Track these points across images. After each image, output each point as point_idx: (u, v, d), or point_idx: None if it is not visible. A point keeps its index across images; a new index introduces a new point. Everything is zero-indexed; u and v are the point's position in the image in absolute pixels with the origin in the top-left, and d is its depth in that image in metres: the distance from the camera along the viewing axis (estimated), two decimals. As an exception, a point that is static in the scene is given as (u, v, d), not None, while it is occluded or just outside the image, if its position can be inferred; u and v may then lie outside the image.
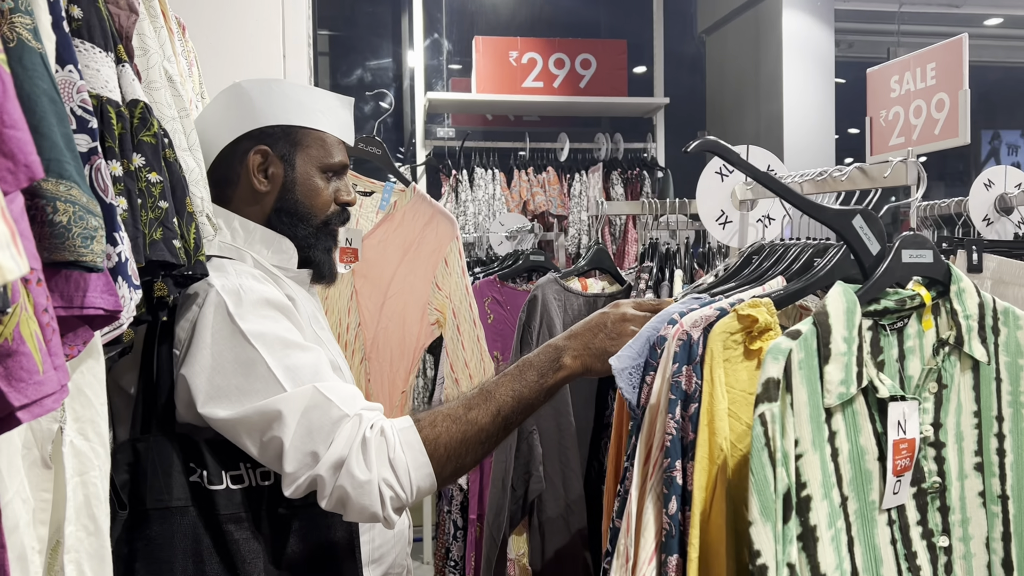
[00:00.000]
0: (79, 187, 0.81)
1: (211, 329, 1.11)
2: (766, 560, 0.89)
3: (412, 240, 2.10)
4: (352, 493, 1.05)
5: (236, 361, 1.10)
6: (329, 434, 1.06)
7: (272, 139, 1.31)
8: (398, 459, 1.08)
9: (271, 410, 1.06)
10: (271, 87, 1.32)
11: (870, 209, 1.06)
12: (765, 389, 0.92)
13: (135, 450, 1.08)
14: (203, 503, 1.08)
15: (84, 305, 0.84)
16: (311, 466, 1.05)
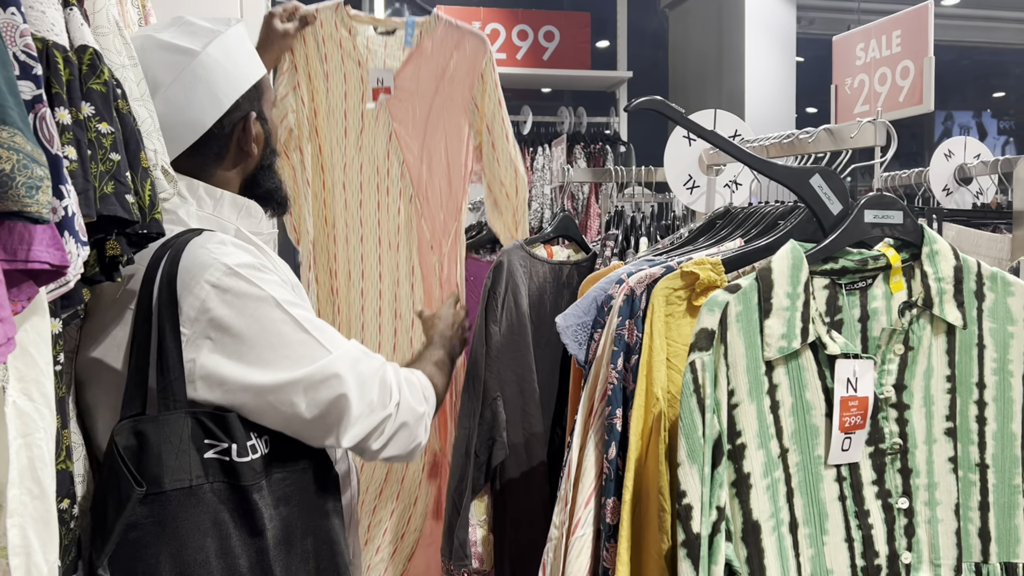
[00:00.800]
0: (23, 134, 0.77)
1: (244, 307, 1.09)
2: (691, 500, 0.92)
3: (444, 67, 2.05)
4: (411, 424, 1.20)
5: (277, 330, 1.10)
6: (379, 380, 1.16)
7: (251, 102, 1.27)
8: (429, 398, 1.27)
9: (331, 369, 1.11)
10: (227, 45, 1.25)
11: (833, 170, 1.06)
12: (698, 338, 0.94)
13: (137, 432, 1.05)
14: (226, 476, 1.07)
15: (29, 259, 0.80)
16: (373, 410, 1.14)
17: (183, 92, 1.22)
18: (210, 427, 1.06)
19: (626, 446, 1.03)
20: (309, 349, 1.11)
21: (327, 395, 1.10)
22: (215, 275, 1.09)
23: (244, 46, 1.28)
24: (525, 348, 1.63)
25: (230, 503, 1.06)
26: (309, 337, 1.11)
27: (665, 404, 1.01)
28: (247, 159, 1.28)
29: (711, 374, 0.93)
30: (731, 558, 0.94)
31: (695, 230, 1.34)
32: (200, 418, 1.06)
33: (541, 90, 5.47)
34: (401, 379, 1.21)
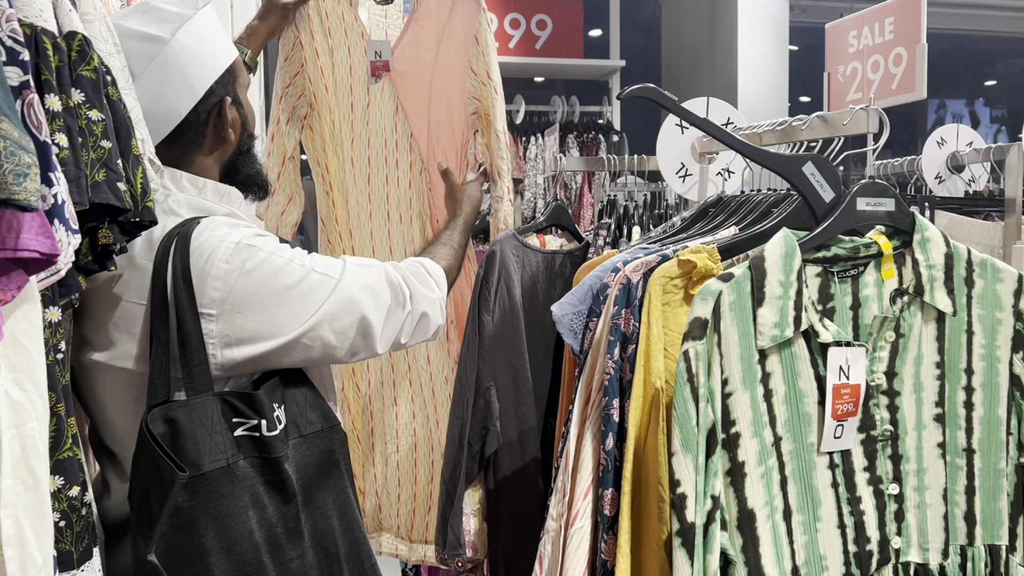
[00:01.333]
0: (10, 120, 0.76)
1: (254, 274, 1.14)
2: (685, 490, 0.92)
3: (442, 31, 2.01)
4: (430, 312, 1.30)
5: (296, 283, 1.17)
6: (388, 285, 1.25)
7: (226, 86, 1.26)
8: (440, 282, 1.36)
9: (342, 294, 1.19)
10: (198, 29, 1.23)
11: (826, 157, 1.06)
12: (691, 328, 0.94)
13: (168, 419, 1.07)
14: (258, 451, 1.11)
15: (18, 247, 0.79)
16: (392, 314, 1.24)
17: (156, 82, 1.20)
18: (238, 406, 1.10)
19: (624, 437, 1.02)
20: (321, 287, 1.18)
21: (349, 321, 1.19)
22: (225, 254, 1.13)
23: (214, 29, 1.26)
24: (518, 338, 1.63)
25: (264, 476, 1.11)
26: (317, 275, 1.18)
27: (663, 394, 1.01)
28: (224, 145, 1.27)
29: (705, 363, 0.93)
30: (726, 547, 0.95)
31: (688, 218, 1.34)
32: (227, 399, 1.10)
33: (534, 79, 5.46)
34: (406, 273, 1.29)
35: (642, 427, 1.01)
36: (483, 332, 1.62)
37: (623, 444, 1.02)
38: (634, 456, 1.01)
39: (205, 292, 1.11)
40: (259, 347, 1.13)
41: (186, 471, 1.05)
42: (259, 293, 1.14)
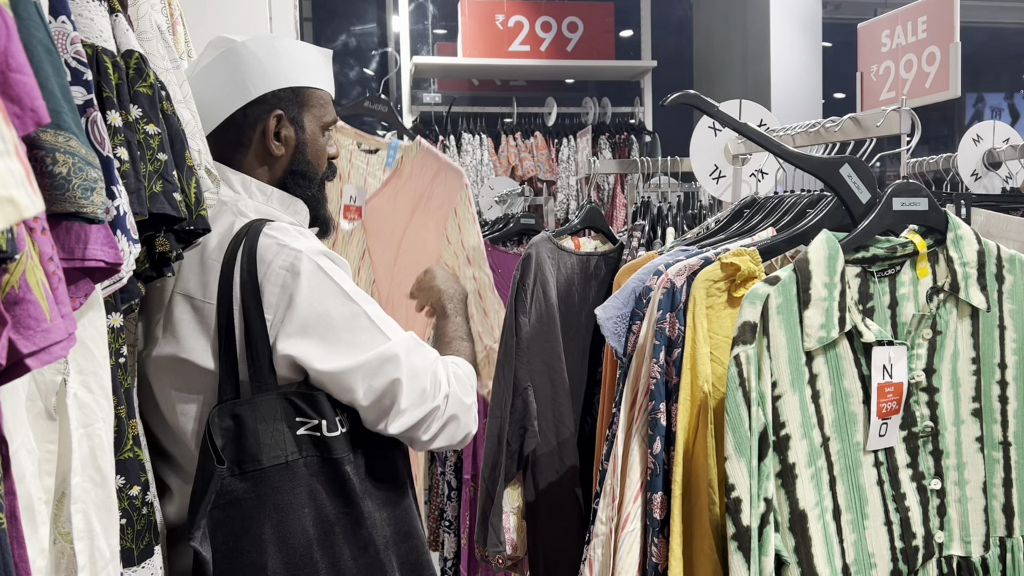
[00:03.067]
0: (77, 138, 0.81)
1: (314, 292, 1.15)
2: (740, 494, 0.93)
3: (421, 194, 2.06)
4: (461, 417, 1.22)
5: (343, 317, 1.16)
6: (431, 373, 1.20)
7: (284, 102, 1.31)
8: (472, 384, 1.28)
9: (389, 354, 1.16)
10: (274, 46, 1.32)
11: (861, 158, 1.07)
12: (741, 332, 0.95)
13: (234, 415, 1.12)
14: (318, 450, 1.15)
15: (85, 257, 0.84)
16: (423, 400, 1.18)
17: (214, 74, 1.29)
18: (300, 406, 1.14)
19: (671, 440, 1.03)
20: (370, 336, 1.16)
21: (383, 381, 1.15)
22: (287, 260, 1.15)
23: (297, 55, 1.32)
24: (555, 339, 1.66)
25: (323, 476, 1.14)
26: (371, 324, 1.17)
27: (711, 398, 1.02)
28: (270, 158, 1.31)
29: (755, 367, 0.94)
30: (780, 548, 0.96)
31: (722, 220, 1.36)
32: (290, 398, 1.14)
33: (565, 81, 5.47)
34: (450, 373, 1.24)
35: (690, 431, 1.02)
36: (520, 334, 1.65)
37: (671, 448, 1.03)
38: (683, 460, 1.01)
39: (264, 296, 1.15)
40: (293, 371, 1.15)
41: (224, 463, 1.10)
42: (303, 311, 1.14)
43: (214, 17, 2.21)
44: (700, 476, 1.03)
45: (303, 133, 1.33)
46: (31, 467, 0.81)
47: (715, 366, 1.05)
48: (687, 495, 1.03)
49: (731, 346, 0.96)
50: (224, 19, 2.26)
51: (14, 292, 0.67)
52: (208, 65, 1.31)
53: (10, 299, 0.66)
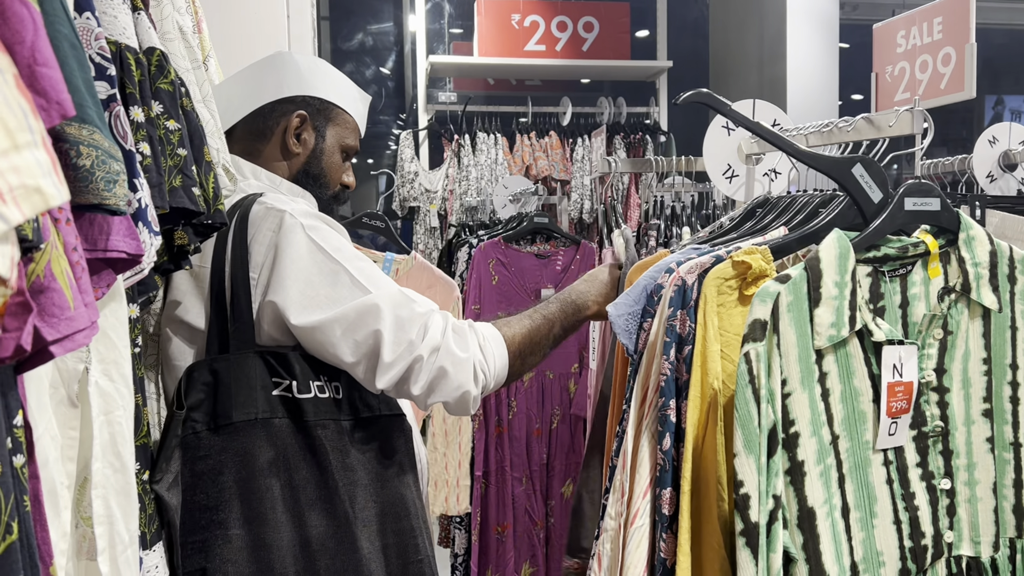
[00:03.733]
0: (101, 132, 0.83)
1: (294, 248, 1.18)
2: (748, 490, 0.93)
3: None
4: (451, 370, 1.18)
5: (322, 273, 1.18)
6: (420, 325, 1.18)
7: (312, 108, 1.41)
8: (486, 347, 1.24)
9: (368, 304, 1.16)
10: (317, 63, 1.43)
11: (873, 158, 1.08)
12: (752, 329, 0.96)
13: (212, 371, 1.15)
14: (290, 413, 1.16)
15: (108, 248, 0.86)
16: (410, 352, 1.16)
17: (256, 71, 1.41)
18: (274, 365, 1.17)
19: (681, 437, 1.04)
20: (350, 291, 1.17)
21: (364, 332, 1.15)
22: (274, 221, 1.20)
23: (338, 80, 1.44)
24: None
25: (296, 438, 1.16)
26: (352, 280, 1.18)
27: (721, 395, 1.02)
28: (288, 154, 1.40)
29: (765, 364, 0.94)
30: (788, 545, 0.96)
31: (736, 219, 1.37)
32: (266, 357, 1.16)
33: (580, 81, 5.47)
34: (449, 325, 1.21)
35: (700, 427, 1.03)
36: None
37: (681, 444, 1.04)
38: (693, 456, 1.02)
39: (251, 256, 1.19)
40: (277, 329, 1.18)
41: (183, 408, 1.12)
42: (290, 269, 1.17)
43: (231, 16, 2.24)
44: (709, 472, 1.03)
45: (322, 142, 1.42)
46: (54, 453, 0.83)
47: (725, 363, 1.06)
48: (696, 491, 1.04)
49: (741, 343, 0.97)
50: (241, 18, 2.28)
51: (39, 281, 0.69)
52: (255, 64, 1.42)
53: (35, 288, 0.68)
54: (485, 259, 2.77)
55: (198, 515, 1.12)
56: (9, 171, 0.48)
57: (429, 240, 4.60)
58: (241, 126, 1.39)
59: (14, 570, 0.64)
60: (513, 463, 2.74)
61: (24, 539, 0.66)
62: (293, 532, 1.14)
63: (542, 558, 2.78)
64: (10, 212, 0.48)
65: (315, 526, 1.15)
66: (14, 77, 0.51)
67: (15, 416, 0.69)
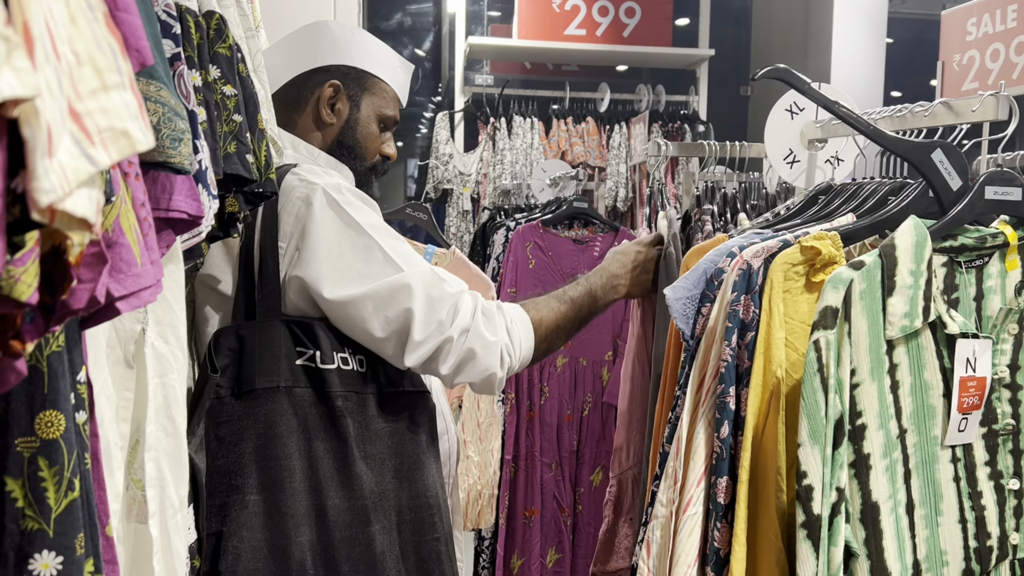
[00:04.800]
0: (167, 88, 0.81)
1: (327, 222, 1.18)
2: (812, 481, 0.91)
3: None
4: (480, 352, 1.19)
5: (354, 247, 1.17)
6: (451, 305, 1.19)
7: (346, 78, 1.38)
8: (513, 330, 1.25)
9: (400, 283, 1.16)
10: (354, 32, 1.40)
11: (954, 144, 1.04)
12: (822, 316, 0.93)
13: (238, 336, 1.15)
14: (313, 382, 1.16)
15: (170, 207, 0.84)
16: (440, 332, 1.17)
17: (294, 40, 1.39)
18: (299, 335, 1.16)
19: (740, 425, 1.01)
20: (383, 267, 1.17)
21: (396, 310, 1.16)
22: (304, 192, 1.19)
23: (376, 49, 1.41)
24: None
25: (317, 408, 1.16)
26: (385, 256, 1.18)
27: (783, 384, 1.00)
28: (322, 124, 1.38)
29: (835, 353, 0.91)
30: (849, 539, 0.94)
31: (796, 205, 1.33)
32: (291, 326, 1.16)
33: (617, 68, 5.41)
34: (479, 307, 1.22)
35: (760, 416, 1.00)
36: None
37: (739, 433, 1.01)
38: (752, 445, 0.99)
39: (280, 226, 1.18)
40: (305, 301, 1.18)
41: (218, 372, 1.13)
42: (322, 244, 1.17)
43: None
44: (768, 463, 1.01)
45: (357, 112, 1.40)
46: (109, 413, 0.82)
47: (789, 352, 1.02)
48: (754, 481, 1.02)
49: (811, 330, 0.93)
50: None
51: (108, 235, 0.67)
52: (292, 33, 1.40)
53: (104, 241, 0.66)
54: (523, 242, 2.74)
55: (218, 479, 1.12)
56: (98, 112, 0.46)
57: (461, 223, 4.58)
58: (278, 96, 1.36)
59: (75, 527, 0.62)
60: (543, 448, 2.72)
61: (85, 497, 0.65)
62: (309, 501, 1.14)
63: (568, 545, 2.77)
64: (99, 154, 0.46)
65: (331, 497, 1.15)
66: (104, 16, 0.49)
67: (79, 372, 0.67)
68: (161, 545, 0.88)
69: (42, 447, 0.59)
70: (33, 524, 0.58)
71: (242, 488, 1.12)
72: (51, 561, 0.59)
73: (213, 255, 1.21)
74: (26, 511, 0.58)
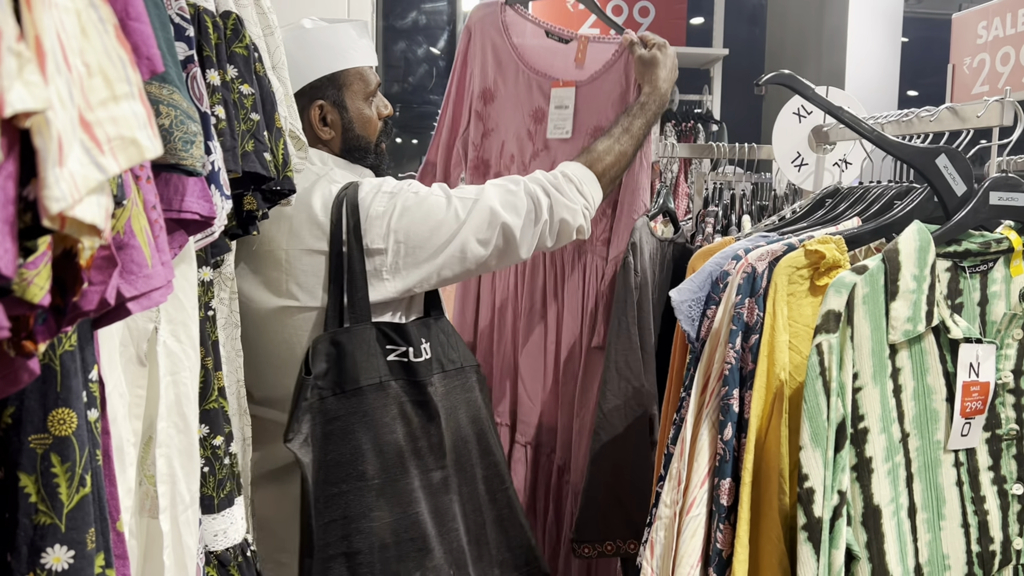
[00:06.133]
0: (180, 92, 0.82)
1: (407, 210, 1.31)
2: (813, 484, 0.91)
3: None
4: (570, 219, 1.39)
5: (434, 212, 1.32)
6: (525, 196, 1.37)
7: (322, 90, 1.43)
8: (584, 189, 1.42)
9: (483, 208, 1.33)
10: (304, 39, 1.42)
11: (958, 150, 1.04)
12: (825, 320, 0.93)
13: (335, 342, 1.27)
14: (406, 374, 1.30)
15: (182, 209, 0.86)
16: (535, 222, 1.36)
17: None
18: (390, 335, 1.30)
19: (743, 427, 1.02)
20: (462, 206, 1.33)
21: (493, 230, 1.33)
22: (382, 202, 1.31)
23: (331, 41, 1.43)
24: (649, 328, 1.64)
25: (410, 396, 1.30)
26: (456, 197, 1.34)
27: (787, 386, 1.00)
28: (324, 140, 1.44)
29: (837, 357, 0.92)
30: (851, 543, 0.94)
31: (802, 209, 1.33)
32: (382, 328, 1.30)
33: (632, 67, 5.40)
34: (546, 184, 1.39)
35: (764, 419, 1.01)
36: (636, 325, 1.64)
37: (742, 435, 1.02)
38: (755, 447, 1.00)
39: (370, 235, 1.30)
40: (423, 268, 1.31)
41: (311, 374, 1.25)
42: (414, 225, 1.31)
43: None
44: (771, 465, 1.01)
45: (347, 112, 1.45)
46: (122, 410, 0.84)
47: (793, 355, 1.03)
48: (757, 483, 1.02)
49: (814, 334, 0.94)
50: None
51: (119, 237, 0.69)
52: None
53: (115, 244, 0.68)
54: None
55: (334, 470, 1.23)
56: (108, 121, 0.48)
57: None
58: None
59: (86, 522, 0.64)
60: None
61: (96, 492, 0.66)
62: (418, 476, 1.28)
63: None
64: (108, 162, 0.47)
65: (434, 469, 1.30)
66: (115, 28, 0.51)
67: (91, 371, 0.69)
68: (172, 540, 0.90)
69: (55, 444, 0.61)
70: (45, 519, 0.60)
71: (363, 474, 1.24)
72: (63, 555, 0.60)
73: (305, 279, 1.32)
74: (39, 506, 0.60)
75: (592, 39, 1.78)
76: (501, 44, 1.87)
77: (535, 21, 1.87)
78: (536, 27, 1.86)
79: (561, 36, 1.83)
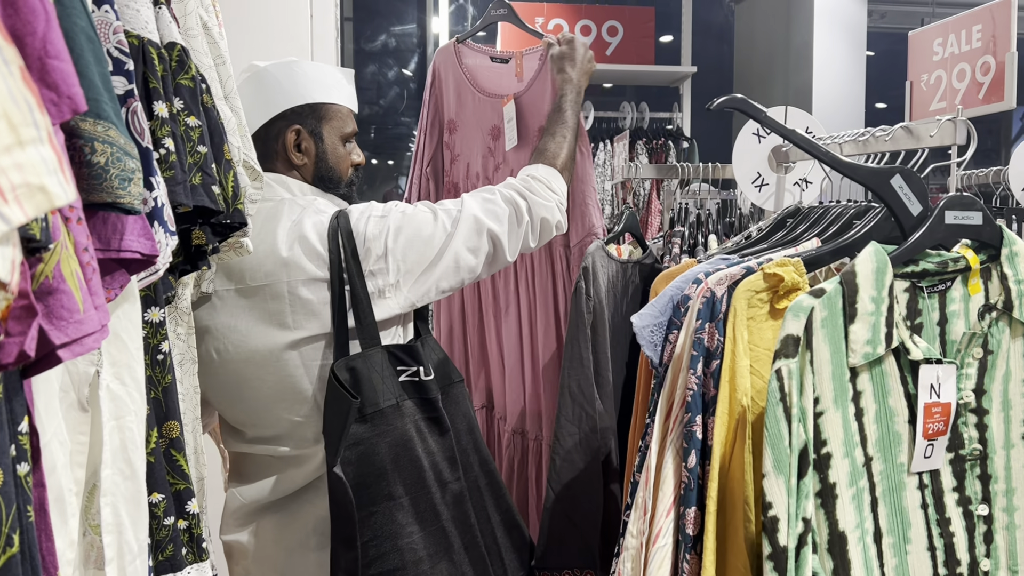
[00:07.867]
0: (116, 128, 0.80)
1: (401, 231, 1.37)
2: (777, 512, 0.90)
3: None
4: (548, 216, 1.48)
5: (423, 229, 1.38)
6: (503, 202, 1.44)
7: (302, 117, 1.46)
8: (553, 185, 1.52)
9: (467, 219, 1.40)
10: (293, 69, 1.46)
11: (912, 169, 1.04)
12: (784, 345, 0.92)
13: (351, 368, 1.31)
14: (418, 392, 1.36)
15: (121, 248, 0.83)
16: (517, 225, 1.44)
17: (244, 96, 1.42)
18: (401, 356, 1.35)
19: (707, 454, 1.01)
20: (449, 217, 1.40)
21: (481, 238, 1.40)
22: (375, 228, 1.36)
23: (318, 76, 1.49)
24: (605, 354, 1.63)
25: (424, 413, 1.35)
26: (441, 211, 1.41)
27: (749, 412, 0.99)
28: (296, 166, 1.47)
29: (797, 382, 0.91)
30: (817, 570, 0.92)
31: (765, 228, 1.33)
32: (392, 351, 1.35)
33: (603, 85, 5.44)
34: (520, 188, 1.48)
35: (727, 445, 0.99)
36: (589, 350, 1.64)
37: (707, 462, 1.00)
38: (719, 475, 0.99)
39: (369, 259, 1.35)
40: (422, 282, 1.37)
41: (358, 398, 1.29)
42: (408, 242, 1.37)
43: (255, 16, 2.22)
44: (736, 492, 1.00)
45: (322, 143, 1.48)
46: (63, 458, 0.81)
47: (755, 379, 1.02)
48: (722, 511, 1.01)
49: (773, 359, 0.93)
50: (266, 18, 2.26)
51: (48, 282, 0.66)
52: (239, 86, 1.43)
53: (43, 289, 0.66)
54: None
55: (362, 492, 1.28)
56: (11, 168, 0.46)
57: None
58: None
59: (15, 583, 0.61)
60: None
61: (26, 551, 0.63)
62: (439, 490, 1.34)
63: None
64: (11, 212, 0.45)
65: (451, 481, 1.36)
66: (20, 69, 0.48)
67: (20, 422, 0.66)
68: (118, 590, 0.86)
69: (-25, 504, 0.58)
70: (-34, 583, 0.57)
71: (391, 494, 1.29)
72: (-12, 620, 0.57)
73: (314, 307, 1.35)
74: (-41, 570, 0.57)
75: (525, 52, 1.93)
76: (458, 76, 2.03)
77: (480, 50, 2.03)
78: (482, 55, 2.02)
79: (502, 58, 1.98)
